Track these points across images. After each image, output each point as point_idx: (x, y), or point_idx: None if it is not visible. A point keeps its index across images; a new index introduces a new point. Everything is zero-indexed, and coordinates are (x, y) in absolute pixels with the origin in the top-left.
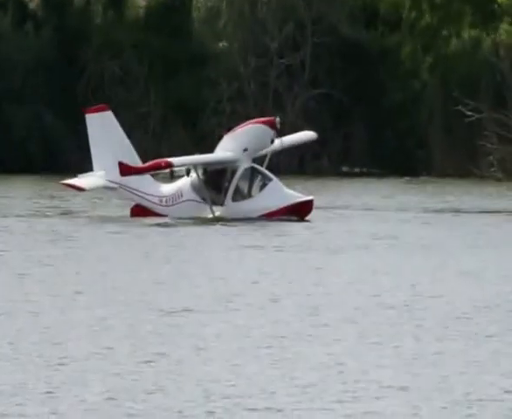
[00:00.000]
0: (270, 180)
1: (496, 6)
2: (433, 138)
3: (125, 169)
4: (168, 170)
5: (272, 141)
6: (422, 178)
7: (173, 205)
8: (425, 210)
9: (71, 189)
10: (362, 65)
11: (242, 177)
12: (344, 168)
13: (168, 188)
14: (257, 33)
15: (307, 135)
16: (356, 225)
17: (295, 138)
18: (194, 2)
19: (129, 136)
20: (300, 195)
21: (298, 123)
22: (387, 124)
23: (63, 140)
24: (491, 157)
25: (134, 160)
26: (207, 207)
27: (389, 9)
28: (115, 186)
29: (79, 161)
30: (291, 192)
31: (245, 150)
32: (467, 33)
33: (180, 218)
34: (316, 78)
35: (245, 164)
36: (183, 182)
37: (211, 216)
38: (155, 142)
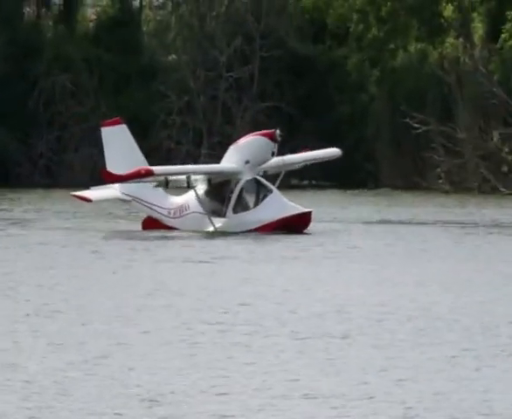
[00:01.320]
0: (270, 192)
1: (442, 20)
2: (381, 150)
3: (108, 176)
4: (150, 178)
5: (272, 154)
6: (369, 190)
7: (180, 217)
8: (367, 221)
9: (80, 201)
10: (310, 78)
11: (244, 189)
12: (294, 181)
13: (177, 201)
14: (206, 47)
15: (332, 152)
16: (301, 237)
17: (320, 154)
18: (143, 15)
19: (79, 149)
20: (298, 207)
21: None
22: (335, 137)
23: (15, 154)
24: (438, 169)
25: None
26: (214, 219)
27: (336, 22)
28: (129, 198)
29: (30, 174)
30: (290, 204)
31: (247, 162)
32: (413, 47)
33: (187, 231)
34: (265, 91)
35: (247, 176)
36: (191, 194)
37: (211, 228)
38: None
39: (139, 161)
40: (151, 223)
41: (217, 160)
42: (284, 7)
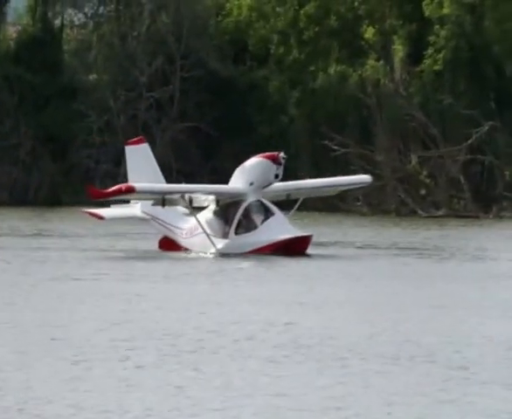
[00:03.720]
0: (272, 214)
1: (363, 42)
2: (300, 172)
3: (94, 193)
4: (134, 195)
5: (276, 176)
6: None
7: (191, 238)
8: None
9: (93, 218)
10: (230, 99)
11: (248, 211)
12: None
13: (190, 221)
14: (127, 66)
15: (361, 179)
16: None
17: (350, 180)
18: (64, 35)
19: None
20: (297, 231)
21: (167, 156)
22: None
23: None
24: (356, 192)
25: None
26: (218, 240)
27: (257, 43)
28: (148, 217)
29: None
30: (289, 227)
31: (252, 184)
32: (333, 69)
33: (196, 251)
34: (185, 111)
35: (251, 197)
36: (201, 215)
37: (213, 249)
38: (25, 173)
39: (158, 180)
40: (167, 244)
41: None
42: (205, 28)
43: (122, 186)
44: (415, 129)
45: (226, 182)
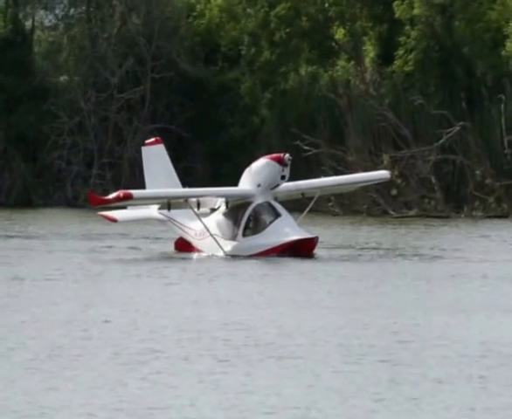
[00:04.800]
0: (279, 216)
1: (334, 43)
2: None
3: (93, 200)
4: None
5: (283, 178)
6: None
7: (203, 239)
8: None
9: (106, 220)
10: (201, 100)
11: (255, 212)
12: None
13: (204, 223)
14: (97, 68)
15: (381, 174)
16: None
17: (368, 176)
18: (35, 36)
19: None
20: (303, 232)
21: (138, 157)
22: (226, 160)
23: None
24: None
25: None
26: (226, 242)
27: (228, 45)
28: (165, 219)
29: None
30: (296, 229)
31: (259, 186)
32: (304, 69)
33: (207, 253)
34: (156, 112)
35: (258, 199)
36: (213, 217)
37: (221, 252)
38: None
39: (174, 181)
40: (183, 245)
41: (108, 181)
42: (176, 29)
43: (120, 193)
44: (386, 130)
45: (198, 183)
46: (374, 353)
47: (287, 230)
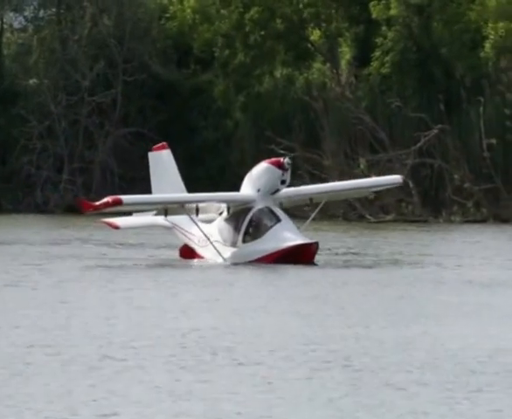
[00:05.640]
0: (279, 221)
1: (309, 45)
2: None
3: (84, 206)
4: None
5: (283, 182)
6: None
7: (206, 246)
8: None
9: (109, 227)
10: (173, 103)
11: (255, 218)
12: None
13: (206, 229)
14: (68, 71)
15: (393, 179)
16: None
17: (380, 181)
18: (4, 39)
19: None
20: (302, 238)
21: (109, 162)
22: (200, 163)
23: None
24: None
25: None
26: (227, 248)
27: (201, 47)
28: (170, 225)
29: None
30: (294, 234)
31: (259, 191)
32: (279, 72)
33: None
34: (128, 116)
35: (259, 205)
36: (214, 223)
37: (220, 259)
38: None
39: (179, 186)
40: (187, 252)
41: (78, 186)
42: (148, 31)
43: (109, 199)
44: (363, 133)
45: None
46: (333, 359)
47: (286, 235)
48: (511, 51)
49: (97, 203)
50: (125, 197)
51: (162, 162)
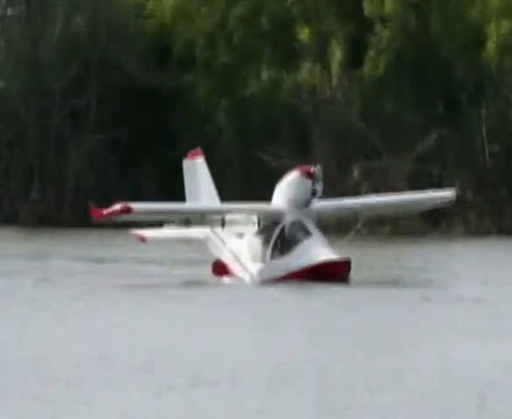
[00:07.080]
0: (309, 236)
1: (297, 44)
2: (231, 185)
3: (95, 214)
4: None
5: (313, 193)
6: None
7: (235, 262)
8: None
9: (137, 239)
10: (152, 107)
11: (285, 232)
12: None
13: (237, 243)
14: (39, 73)
15: (445, 195)
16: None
17: (432, 197)
18: None
19: None
20: (333, 255)
21: (83, 170)
22: (179, 172)
23: None
24: None
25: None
26: (255, 265)
27: (182, 47)
28: (203, 238)
29: None
30: (324, 251)
31: (289, 202)
32: (266, 73)
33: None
34: (103, 121)
35: (289, 218)
36: (245, 238)
37: (248, 276)
38: None
39: (213, 194)
40: (220, 267)
41: (50, 196)
42: (124, 31)
43: (118, 206)
44: (356, 139)
45: (148, 197)
46: (300, 378)
47: (315, 251)
48: None
49: (106, 211)
50: (135, 205)
51: (195, 171)
